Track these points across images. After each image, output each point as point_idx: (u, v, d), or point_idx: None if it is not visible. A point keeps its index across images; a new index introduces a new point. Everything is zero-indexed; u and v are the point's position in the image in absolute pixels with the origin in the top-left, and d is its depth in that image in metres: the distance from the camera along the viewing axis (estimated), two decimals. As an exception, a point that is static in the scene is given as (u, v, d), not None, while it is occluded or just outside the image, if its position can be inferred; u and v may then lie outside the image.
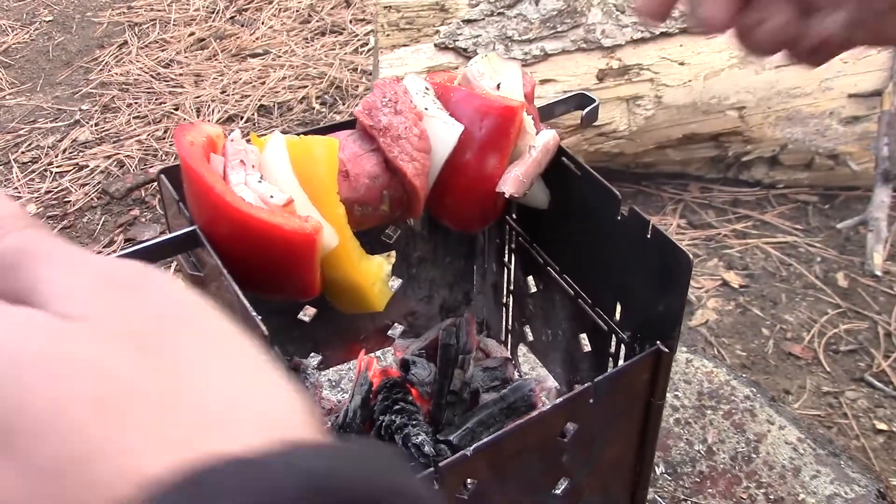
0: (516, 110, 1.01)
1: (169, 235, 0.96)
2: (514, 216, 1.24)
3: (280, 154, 0.98)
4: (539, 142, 1.04)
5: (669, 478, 1.41)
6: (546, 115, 1.14)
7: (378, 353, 1.49)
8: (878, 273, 2.37)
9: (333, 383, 1.54)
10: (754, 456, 1.44)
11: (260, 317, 0.84)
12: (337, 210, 0.97)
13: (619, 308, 1.08)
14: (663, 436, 1.47)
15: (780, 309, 2.30)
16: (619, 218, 1.02)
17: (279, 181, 0.97)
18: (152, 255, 0.97)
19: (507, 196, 1.03)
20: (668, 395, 1.54)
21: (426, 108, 1.02)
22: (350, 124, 1.07)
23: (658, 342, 0.99)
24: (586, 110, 1.13)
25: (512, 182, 1.03)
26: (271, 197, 0.94)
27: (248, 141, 1.00)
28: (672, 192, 2.67)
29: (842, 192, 2.67)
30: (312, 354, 1.31)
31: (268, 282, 0.97)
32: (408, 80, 1.05)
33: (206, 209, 0.94)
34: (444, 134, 1.02)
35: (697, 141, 2.55)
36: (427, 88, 1.05)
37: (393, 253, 1.04)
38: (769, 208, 2.64)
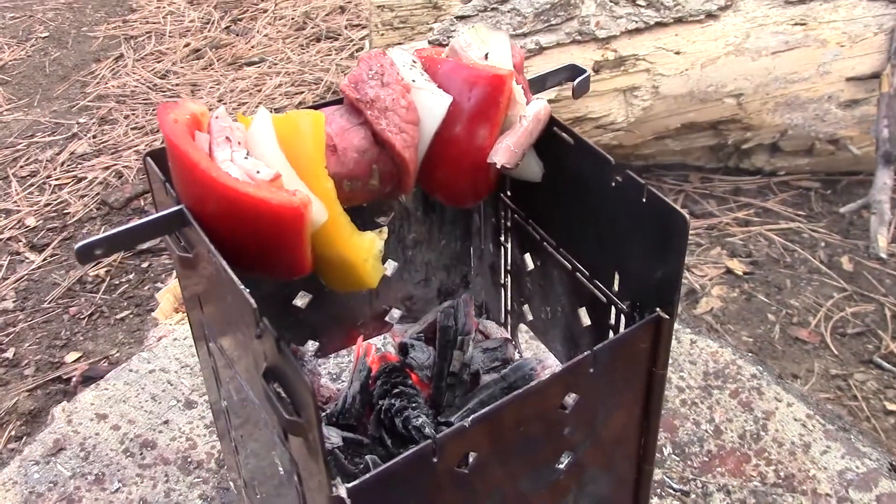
0: (505, 79, 1.00)
1: (155, 215, 0.94)
2: (508, 193, 1.22)
3: (266, 130, 0.96)
4: (530, 111, 1.03)
5: (677, 458, 1.39)
6: (537, 87, 1.12)
7: (378, 342, 1.48)
8: (883, 255, 2.35)
9: (334, 376, 1.52)
10: (763, 433, 1.42)
11: (248, 290, 0.82)
12: (325, 184, 0.96)
13: (617, 278, 1.07)
14: (670, 416, 1.45)
15: (785, 294, 2.28)
16: (613, 185, 1.00)
17: (266, 157, 0.95)
18: (139, 236, 0.95)
19: (498, 167, 1.01)
20: (673, 376, 1.52)
21: (413, 80, 1.00)
22: (338, 102, 1.06)
23: (658, 309, 0.97)
24: (577, 80, 1.12)
25: (503, 152, 1.01)
26: (258, 172, 0.92)
27: (233, 119, 0.98)
28: (673, 182, 2.66)
29: (843, 177, 2.65)
30: (310, 342, 1.29)
31: (258, 260, 0.96)
32: (394, 53, 1.03)
33: (192, 186, 0.93)
34: (433, 105, 1.00)
35: (696, 130, 2.54)
36: (414, 61, 1.04)
37: (385, 228, 1.03)
38: (771, 196, 2.62)
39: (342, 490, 0.83)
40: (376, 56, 1.01)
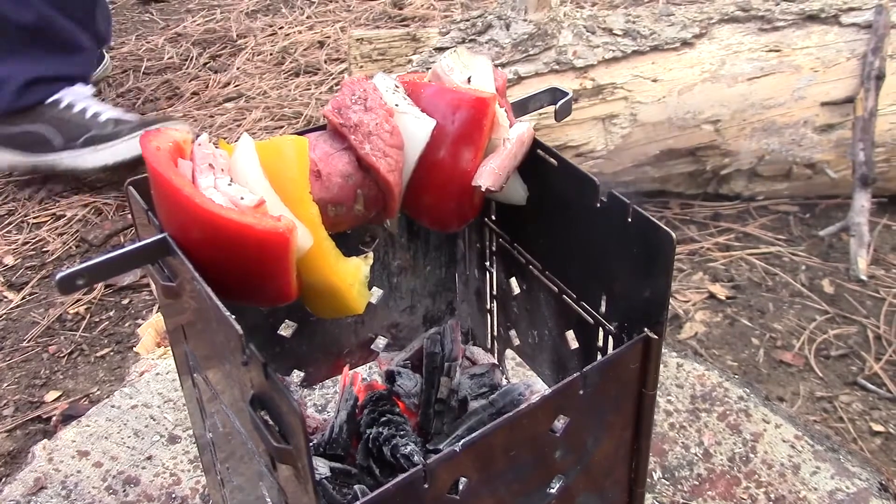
0: (488, 102, 1.00)
1: (138, 244, 0.93)
2: (493, 218, 1.22)
3: (249, 156, 0.96)
4: (513, 134, 1.03)
5: (667, 482, 1.38)
6: (519, 110, 1.13)
7: (364, 372, 1.46)
8: (864, 277, 2.36)
9: (320, 408, 1.51)
10: (752, 456, 1.41)
11: (234, 316, 0.81)
12: (310, 210, 0.95)
13: (604, 299, 1.06)
14: (658, 440, 1.44)
15: (768, 318, 2.28)
16: (598, 205, 1.00)
17: (249, 183, 0.95)
18: (122, 265, 0.94)
19: (483, 190, 1.01)
20: (660, 400, 1.51)
21: (396, 105, 1.01)
22: (321, 129, 1.06)
23: (646, 329, 0.97)
24: (559, 103, 1.12)
25: (488, 175, 1.01)
26: (242, 199, 0.92)
27: (216, 146, 0.98)
28: (653, 209, 2.67)
29: (822, 201, 2.67)
30: (295, 372, 1.28)
31: (243, 287, 0.95)
32: (377, 79, 1.03)
33: (175, 214, 0.92)
34: (416, 129, 1.00)
35: (675, 157, 2.55)
36: (397, 86, 1.04)
37: (370, 254, 1.02)
38: (750, 220, 2.63)
39: (332, 518, 0.82)
40: (359, 81, 1.01)
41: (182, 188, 0.90)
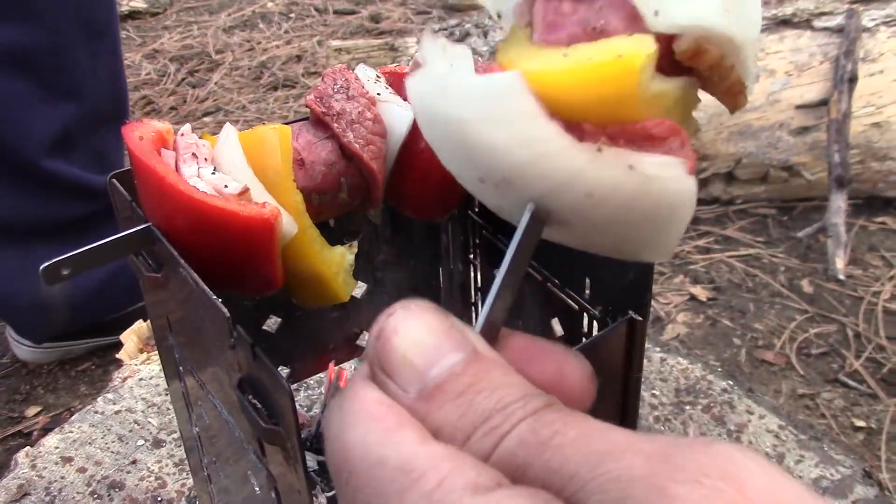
0: (469, 89, 1.01)
1: (123, 233, 0.93)
2: (476, 210, 1.23)
3: (233, 145, 0.96)
4: (495, 122, 1.04)
5: (654, 474, 1.38)
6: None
7: (350, 368, 1.46)
8: (841, 277, 2.39)
9: (305, 408, 1.50)
10: (737, 446, 1.42)
11: (220, 300, 0.81)
12: (294, 197, 0.96)
13: (588, 285, 1.07)
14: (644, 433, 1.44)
15: (749, 318, 2.30)
16: (580, 190, 1.01)
17: (233, 172, 0.95)
18: (106, 254, 0.94)
19: (466, 177, 1.01)
20: (645, 393, 1.52)
21: (378, 94, 1.01)
22: (304, 119, 1.06)
23: (630, 311, 0.97)
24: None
25: (470, 162, 1.02)
26: (226, 186, 0.92)
27: (199, 137, 0.98)
28: (633, 214, 2.69)
29: (799, 203, 2.71)
30: (280, 367, 1.27)
31: (229, 276, 0.95)
32: (358, 70, 1.04)
33: (159, 203, 0.92)
34: (399, 117, 1.01)
35: (653, 161, 2.58)
36: (378, 76, 1.05)
37: (355, 242, 1.03)
38: (729, 224, 2.66)
39: (322, 499, 0.82)
40: (340, 71, 1.02)
41: (166, 176, 0.89)
